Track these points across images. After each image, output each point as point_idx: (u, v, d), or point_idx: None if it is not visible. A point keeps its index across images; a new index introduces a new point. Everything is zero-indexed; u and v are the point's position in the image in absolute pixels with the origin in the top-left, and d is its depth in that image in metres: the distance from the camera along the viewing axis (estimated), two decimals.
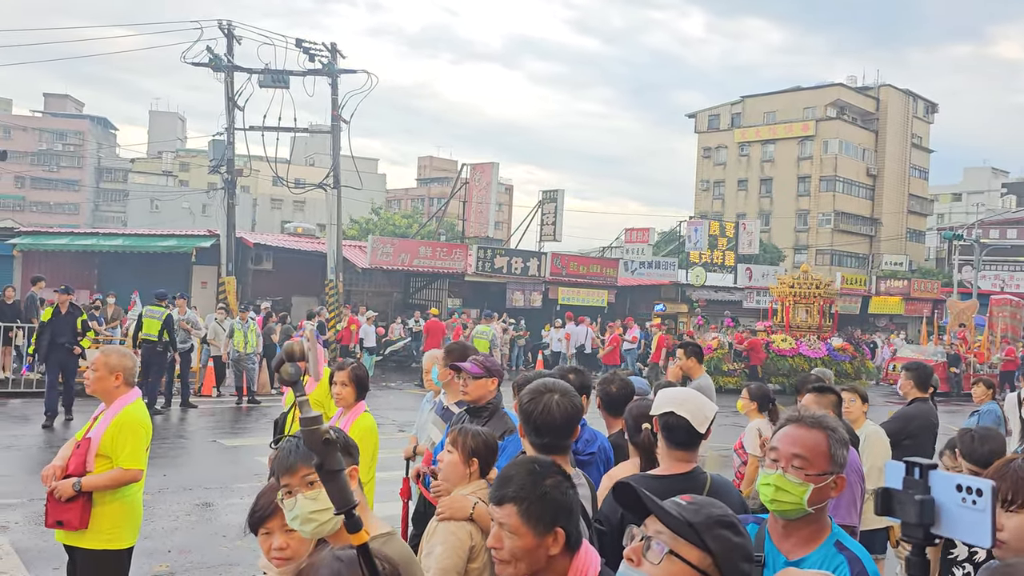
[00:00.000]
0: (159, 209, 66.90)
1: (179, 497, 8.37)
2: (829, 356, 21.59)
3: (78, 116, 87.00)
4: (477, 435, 3.10)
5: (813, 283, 23.15)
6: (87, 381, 4.33)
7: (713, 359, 21.10)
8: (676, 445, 2.86)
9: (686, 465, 2.85)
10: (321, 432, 1.98)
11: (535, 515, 2.02)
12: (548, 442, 2.78)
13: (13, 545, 6.50)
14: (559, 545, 2.03)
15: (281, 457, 2.28)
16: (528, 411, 2.79)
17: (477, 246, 29.58)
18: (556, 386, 2.85)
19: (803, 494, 2.17)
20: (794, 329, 22.53)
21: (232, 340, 15.67)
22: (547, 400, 2.77)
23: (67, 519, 4.04)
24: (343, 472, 1.98)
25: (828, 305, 23.58)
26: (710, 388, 6.90)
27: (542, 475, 2.07)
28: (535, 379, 3.03)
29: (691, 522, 1.72)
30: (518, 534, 2.02)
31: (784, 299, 23.09)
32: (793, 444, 2.24)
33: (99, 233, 28.11)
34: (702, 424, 2.83)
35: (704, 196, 69.61)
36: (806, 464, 2.20)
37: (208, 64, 22.13)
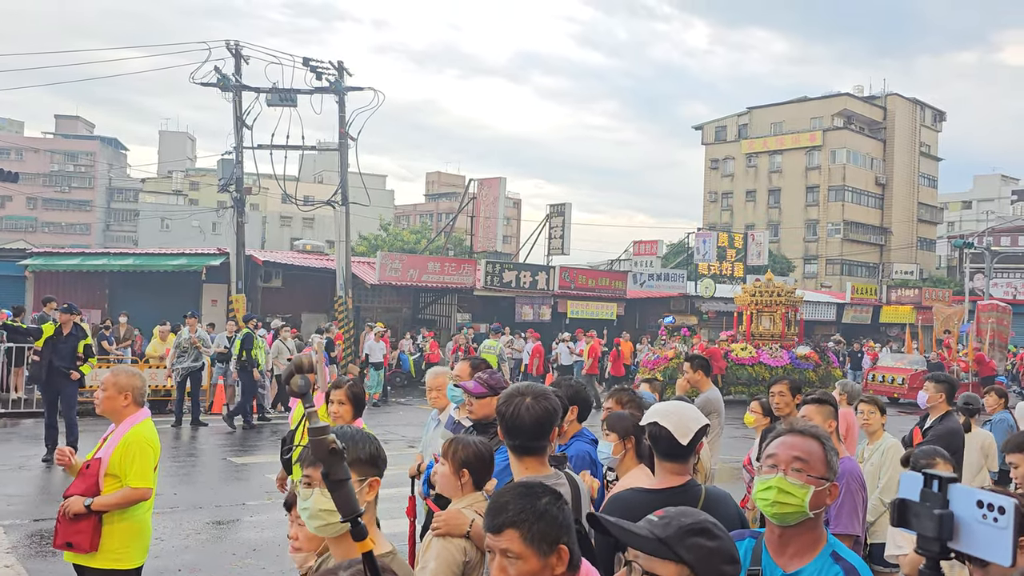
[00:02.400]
0: (169, 228, 67.26)
1: (189, 515, 8.38)
2: (791, 364, 21.38)
3: (89, 137, 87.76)
4: (468, 446, 3.06)
5: (775, 291, 23.03)
6: (96, 401, 4.36)
7: (669, 369, 21.02)
8: (663, 456, 2.87)
9: (679, 478, 2.85)
10: (328, 442, 2.03)
11: (538, 536, 1.95)
12: (519, 444, 2.81)
13: (23, 565, 6.52)
14: (563, 563, 1.97)
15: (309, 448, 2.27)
16: (501, 413, 2.85)
17: (486, 261, 29.61)
18: (530, 389, 2.88)
19: (805, 496, 2.16)
20: (757, 338, 22.41)
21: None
22: (517, 403, 2.81)
23: (77, 541, 4.05)
24: (349, 481, 2.02)
25: (792, 313, 23.44)
26: (718, 401, 6.88)
27: (536, 495, 2.02)
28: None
29: (660, 537, 1.73)
30: (523, 558, 1.94)
31: (746, 308, 22.97)
32: (792, 448, 2.25)
33: (110, 253, 28.29)
34: (684, 436, 2.82)
35: (712, 207, 69.57)
36: (806, 467, 2.20)
37: (216, 84, 22.31)
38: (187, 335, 14.80)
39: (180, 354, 14.74)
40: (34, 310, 21.01)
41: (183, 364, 14.61)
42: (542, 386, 2.98)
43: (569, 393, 4.12)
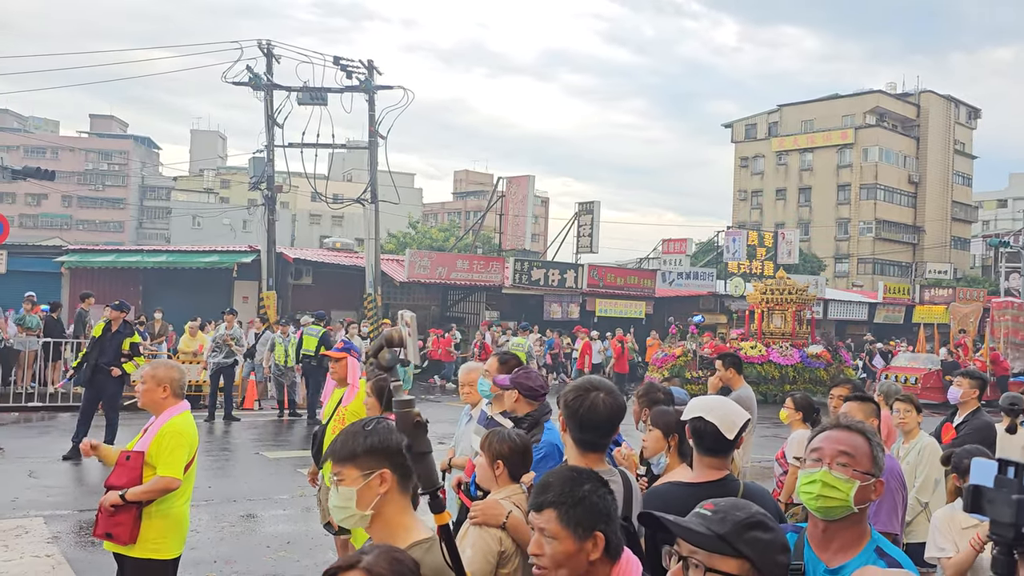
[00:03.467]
0: (201, 226, 68.09)
1: (224, 508, 8.50)
2: (802, 363, 21.24)
3: (122, 136, 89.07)
4: (504, 439, 3.10)
5: (786, 289, 22.84)
6: (137, 394, 4.44)
7: (676, 366, 20.87)
8: (705, 451, 2.87)
9: (718, 472, 2.86)
10: (413, 415, 2.10)
11: (574, 519, 2.03)
12: (590, 439, 2.79)
13: (64, 555, 6.65)
14: (599, 550, 2.04)
15: (341, 443, 2.26)
16: (574, 408, 2.79)
17: (514, 259, 29.65)
18: (602, 384, 2.87)
19: (850, 491, 2.15)
20: (767, 336, 22.23)
21: (273, 354, 15.89)
22: (593, 397, 2.78)
23: (117, 533, 4.12)
24: (430, 454, 2.07)
25: (804, 311, 23.22)
26: (751, 399, 6.84)
27: (580, 481, 2.09)
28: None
29: (719, 534, 1.74)
30: (558, 538, 2.03)
31: (758, 306, 22.82)
32: (838, 443, 2.24)
33: (143, 250, 28.71)
34: (730, 430, 2.83)
35: (742, 206, 69.06)
36: (852, 461, 2.19)
37: (248, 83, 22.55)
38: (223, 331, 14.98)
39: (214, 349, 14.92)
40: (70, 306, 21.39)
41: (216, 359, 14.79)
42: (607, 381, 2.98)
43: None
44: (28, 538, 7.13)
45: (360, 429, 2.27)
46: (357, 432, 2.25)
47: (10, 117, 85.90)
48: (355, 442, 2.23)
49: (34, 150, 75.65)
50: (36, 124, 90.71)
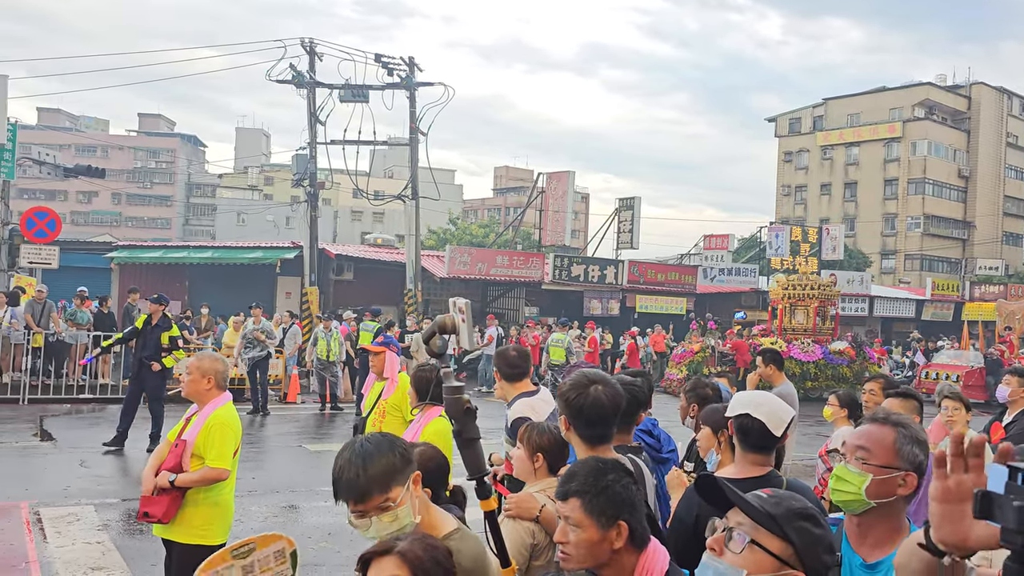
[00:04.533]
0: (245, 222, 69.08)
1: (267, 499, 8.66)
2: (824, 359, 20.87)
3: (170, 135, 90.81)
4: (544, 432, 3.11)
5: (809, 285, 22.42)
6: (181, 385, 4.56)
7: (694, 362, 20.58)
8: (751, 448, 2.85)
9: (761, 468, 2.84)
10: (463, 401, 2.13)
11: (598, 508, 2.06)
12: (598, 432, 2.79)
13: (114, 542, 6.84)
14: (622, 539, 2.07)
15: (348, 483, 2.17)
16: (577, 404, 2.77)
17: (554, 254, 29.63)
18: (597, 376, 2.87)
19: (861, 484, 2.14)
20: (789, 332, 21.84)
21: (316, 348, 16.10)
22: (593, 391, 2.77)
23: (153, 511, 4.24)
24: (479, 440, 2.10)
25: (827, 307, 22.79)
26: (792, 396, 6.77)
27: (604, 471, 2.12)
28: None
29: (772, 514, 1.76)
30: (582, 527, 2.06)
31: (779, 302, 22.44)
32: (859, 437, 2.25)
33: (189, 246, 29.25)
34: (778, 427, 2.82)
35: (786, 201, 68.13)
36: (867, 455, 2.19)
37: (291, 81, 22.83)
38: (251, 326, 15.19)
39: (246, 345, 15.15)
40: (119, 301, 21.88)
41: (250, 354, 14.97)
42: (600, 371, 2.99)
43: (647, 386, 4.14)
44: (79, 525, 7.33)
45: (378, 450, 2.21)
46: (377, 455, 2.19)
47: (62, 117, 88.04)
48: (385, 462, 2.18)
49: (85, 149, 77.45)
50: (87, 123, 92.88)
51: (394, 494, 2.18)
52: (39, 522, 7.31)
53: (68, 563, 6.30)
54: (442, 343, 2.13)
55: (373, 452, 2.20)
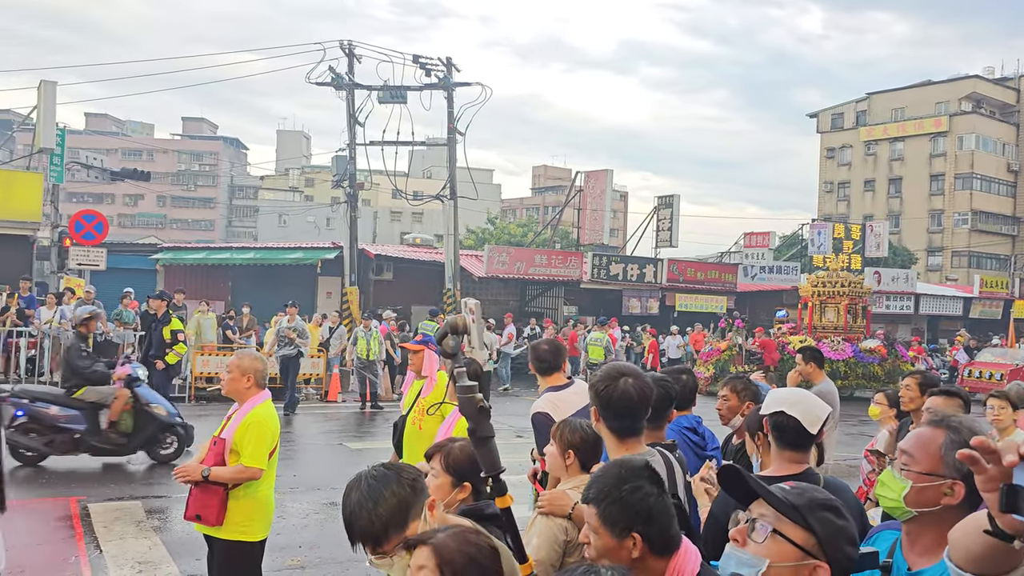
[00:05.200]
0: (286, 224, 69.95)
1: (309, 496, 8.77)
2: (855, 358, 20.46)
3: (213, 138, 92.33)
4: (575, 429, 3.11)
5: (839, 282, 21.99)
6: (222, 383, 4.64)
7: (721, 360, 20.32)
8: (786, 445, 2.83)
9: (797, 466, 2.82)
10: (477, 400, 2.13)
11: (610, 518, 2.03)
12: (627, 425, 2.79)
13: (160, 537, 6.99)
14: (638, 550, 2.01)
15: (363, 529, 2.10)
16: (606, 396, 2.78)
17: (592, 253, 29.55)
18: (627, 369, 2.86)
19: (901, 491, 2.07)
20: (819, 330, 21.46)
21: (356, 347, 16.25)
22: (623, 384, 2.77)
23: (205, 515, 4.33)
24: (493, 439, 2.10)
25: (859, 305, 22.33)
26: (833, 394, 6.67)
27: (624, 479, 2.06)
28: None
29: (795, 504, 1.76)
30: (598, 534, 2.04)
31: (809, 299, 22.04)
32: (906, 441, 2.17)
33: (232, 247, 29.72)
34: (813, 425, 2.79)
35: (828, 198, 67.09)
36: (910, 461, 2.11)
37: (330, 83, 23.08)
38: (284, 324, 15.36)
39: (279, 342, 15.32)
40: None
41: (280, 352, 15.12)
42: (631, 364, 2.98)
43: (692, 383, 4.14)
44: (127, 520, 7.50)
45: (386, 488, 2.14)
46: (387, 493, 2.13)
47: (109, 121, 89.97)
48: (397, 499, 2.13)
49: (131, 152, 79.10)
50: (133, 128, 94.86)
51: (411, 530, 2.12)
52: (88, 517, 7.49)
53: (116, 557, 6.45)
54: (455, 343, 2.15)
55: (381, 490, 2.12)
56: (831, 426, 6.60)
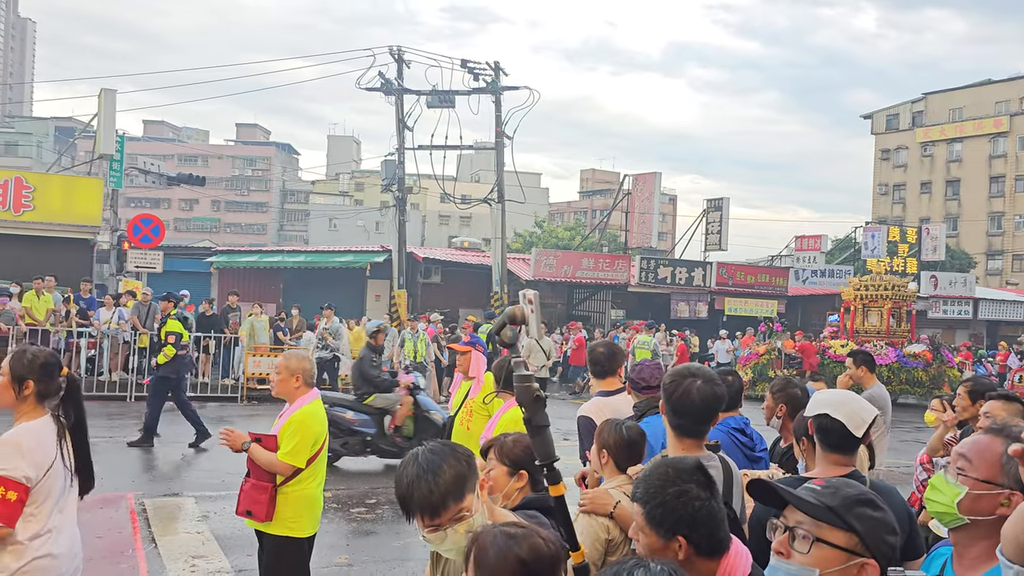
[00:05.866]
0: (337, 227, 70.87)
1: (356, 495, 8.88)
2: (898, 363, 19.92)
3: (265, 143, 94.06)
4: (612, 430, 3.14)
5: (882, 285, 21.42)
6: (272, 384, 4.74)
7: (759, 364, 19.92)
8: (831, 448, 2.80)
9: (842, 468, 2.78)
10: (533, 389, 2.17)
11: (655, 520, 2.02)
12: (684, 424, 2.79)
13: (212, 532, 7.15)
14: (684, 552, 2.00)
15: (420, 498, 2.12)
16: (668, 392, 2.81)
17: (640, 257, 29.41)
18: (700, 372, 2.86)
19: (954, 496, 2.02)
20: (861, 334, 20.93)
21: (403, 350, 16.41)
22: (688, 384, 2.78)
23: (256, 511, 4.43)
24: (548, 428, 2.14)
25: (903, 309, 21.73)
26: (884, 399, 6.56)
27: (672, 482, 2.04)
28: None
29: (830, 506, 1.75)
30: (644, 533, 2.05)
31: (852, 303, 21.54)
32: (963, 446, 2.13)
33: (284, 251, 30.29)
34: (859, 427, 2.75)
35: (883, 200, 65.73)
36: (967, 466, 2.05)
37: (380, 89, 23.38)
38: (323, 326, 15.52)
39: (317, 345, 15.50)
40: (219, 304, 22.79)
41: (317, 355, 15.28)
42: (709, 369, 2.98)
43: (737, 386, 4.13)
44: (181, 516, 7.70)
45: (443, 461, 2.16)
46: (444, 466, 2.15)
47: (166, 128, 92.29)
48: (454, 472, 2.15)
49: (187, 158, 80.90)
50: (189, 134, 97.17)
51: (467, 503, 2.15)
52: (144, 512, 7.70)
53: (171, 550, 6.62)
54: (512, 334, 2.19)
55: (440, 462, 2.15)
56: (882, 431, 6.50)
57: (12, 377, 3.13)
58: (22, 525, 3.01)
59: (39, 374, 3.14)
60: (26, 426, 3.11)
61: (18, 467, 2.95)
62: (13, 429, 3.10)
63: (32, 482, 2.99)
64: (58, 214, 19.22)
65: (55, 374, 3.19)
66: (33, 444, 3.04)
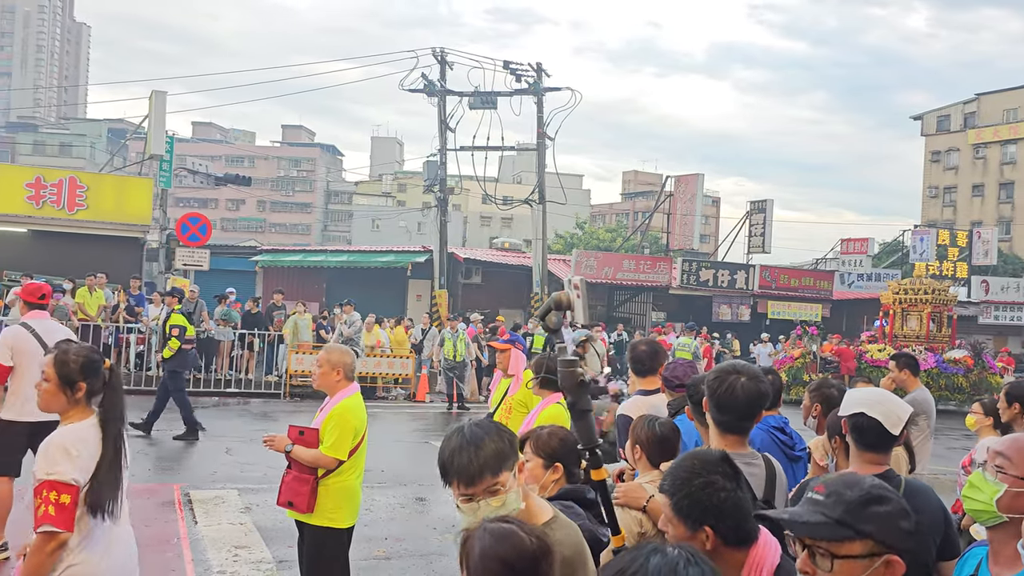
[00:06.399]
0: (379, 228, 71.41)
1: (395, 491, 8.99)
2: (938, 368, 19.46)
3: (310, 145, 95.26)
4: (645, 427, 3.19)
5: (922, 289, 20.89)
6: (313, 378, 4.83)
7: (793, 368, 19.57)
8: (866, 447, 2.79)
9: (877, 468, 2.77)
10: (577, 374, 2.22)
11: (682, 511, 2.05)
12: (728, 420, 2.80)
13: (255, 523, 7.30)
14: (711, 542, 2.03)
15: (459, 465, 2.21)
16: (712, 389, 2.82)
17: (682, 259, 29.21)
18: (745, 369, 2.86)
19: (993, 494, 2.03)
20: (900, 339, 20.45)
21: (443, 349, 16.53)
22: (732, 380, 2.79)
23: (297, 502, 4.53)
24: (591, 412, 2.20)
25: (943, 313, 21.17)
26: (928, 403, 6.46)
27: (698, 473, 2.07)
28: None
29: (838, 519, 1.74)
30: (672, 524, 2.07)
31: (891, 307, 21.07)
32: (1001, 443, 2.12)
33: (327, 250, 30.69)
34: (895, 426, 2.74)
35: (932, 203, 64.35)
36: (1006, 464, 2.06)
37: (423, 90, 23.56)
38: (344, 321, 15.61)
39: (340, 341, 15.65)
40: (263, 302, 23.18)
41: None
42: (753, 367, 2.98)
43: (777, 386, 4.12)
44: (224, 507, 7.86)
45: (487, 437, 2.24)
46: (487, 441, 2.23)
47: (213, 129, 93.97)
48: (495, 447, 2.22)
49: (234, 159, 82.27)
50: (236, 135, 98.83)
51: (503, 478, 2.22)
52: (190, 503, 7.88)
53: (214, 541, 6.77)
54: (557, 319, 2.24)
55: (483, 436, 2.24)
56: (925, 435, 6.41)
57: (61, 381, 3.04)
58: None
59: (88, 373, 3.06)
60: (72, 427, 3.04)
61: (67, 470, 2.89)
62: (59, 431, 3.04)
63: (80, 484, 2.92)
64: (110, 213, 19.69)
65: (100, 369, 3.11)
66: (79, 447, 2.97)
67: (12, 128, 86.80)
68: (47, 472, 2.86)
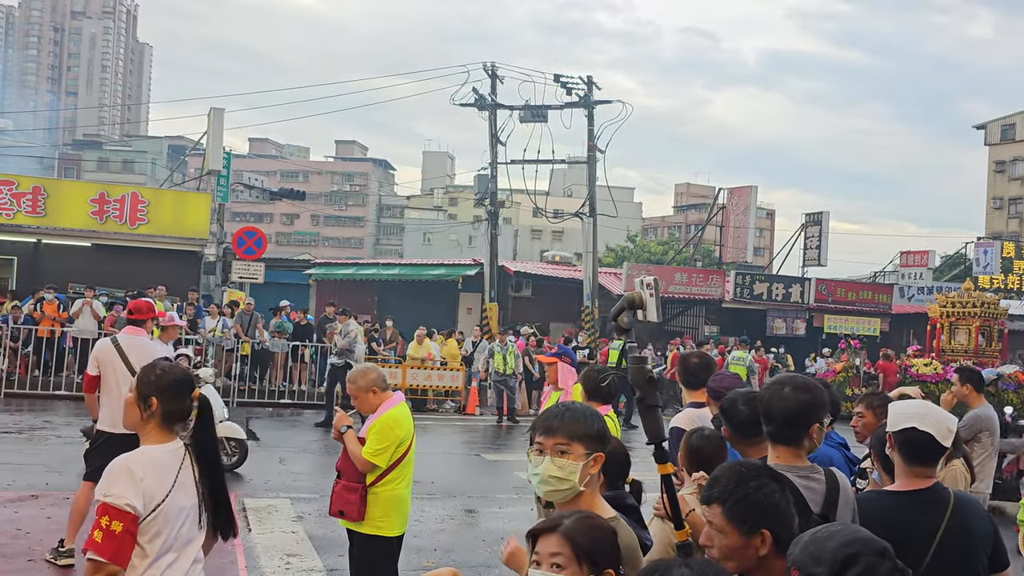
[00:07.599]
0: (430, 241, 72.00)
1: (445, 503, 9.00)
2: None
3: (363, 159, 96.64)
4: (696, 438, 3.21)
5: (971, 302, 20.11)
6: (354, 404, 4.83)
7: (835, 382, 19.05)
8: (916, 461, 2.73)
9: (926, 480, 2.72)
10: (647, 371, 2.29)
11: (738, 516, 2.04)
12: (772, 430, 2.76)
13: (306, 532, 7.38)
14: (767, 546, 2.03)
15: (546, 416, 2.40)
16: (760, 399, 2.82)
17: (735, 272, 28.85)
18: (792, 380, 2.83)
19: None
20: (947, 353, 19.70)
21: (493, 361, 16.55)
22: (775, 390, 2.77)
23: (348, 511, 4.58)
24: (659, 408, 2.24)
25: (993, 327, 20.32)
26: (991, 419, 6.24)
27: (747, 477, 2.09)
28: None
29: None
30: (724, 533, 2.06)
31: (938, 320, 20.33)
32: None
33: (379, 264, 31.05)
34: (946, 438, 2.70)
35: (997, 215, 62.51)
36: None
37: (474, 104, 23.72)
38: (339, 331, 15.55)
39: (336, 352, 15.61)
40: (316, 314, 23.52)
41: (330, 361, 15.05)
42: (807, 379, 2.94)
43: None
44: (277, 516, 7.97)
45: (589, 412, 2.40)
46: (587, 414, 2.39)
47: (269, 145, 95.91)
48: (587, 423, 2.36)
49: (288, 174, 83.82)
50: (291, 151, 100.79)
51: (575, 448, 2.31)
52: (244, 511, 8.00)
53: (267, 548, 6.87)
54: (629, 319, 2.30)
55: (579, 411, 2.41)
56: (988, 453, 6.20)
57: (137, 394, 2.86)
58: None
59: (166, 393, 2.84)
60: (144, 450, 2.82)
61: (123, 493, 2.62)
62: (133, 451, 2.81)
63: (138, 512, 2.64)
64: (169, 227, 20.21)
65: (185, 395, 2.88)
66: (147, 470, 2.72)
67: (78, 146, 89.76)
68: (104, 493, 2.64)
